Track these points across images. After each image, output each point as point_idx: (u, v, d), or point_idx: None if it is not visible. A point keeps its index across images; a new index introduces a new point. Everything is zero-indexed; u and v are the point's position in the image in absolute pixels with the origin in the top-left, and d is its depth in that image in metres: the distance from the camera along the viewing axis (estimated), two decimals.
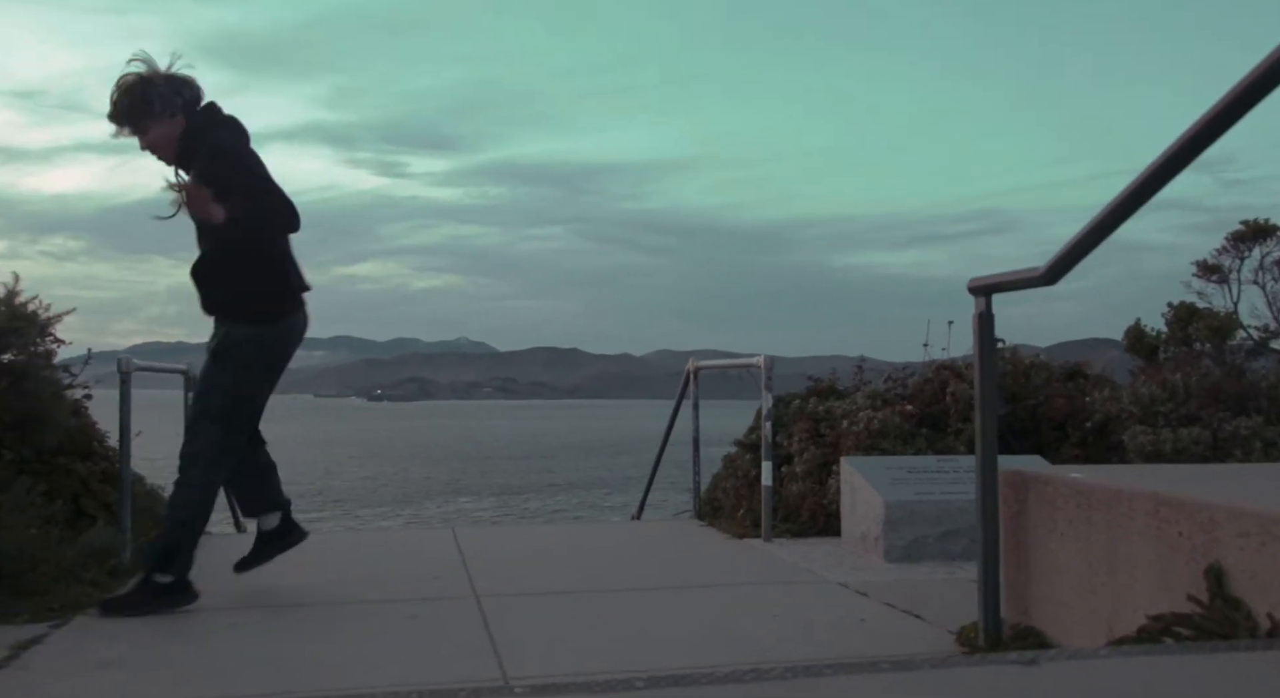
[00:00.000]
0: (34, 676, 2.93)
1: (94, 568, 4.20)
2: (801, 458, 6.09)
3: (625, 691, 1.62)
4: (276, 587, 4.26)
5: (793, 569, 4.56)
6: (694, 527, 6.09)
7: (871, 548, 4.82)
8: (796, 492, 5.90)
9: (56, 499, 4.69)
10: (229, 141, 3.80)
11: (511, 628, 3.42)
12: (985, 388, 3.03)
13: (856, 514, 5.03)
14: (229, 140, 3.80)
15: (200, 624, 3.57)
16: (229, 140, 3.80)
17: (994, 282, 2.97)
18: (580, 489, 24.05)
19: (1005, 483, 3.14)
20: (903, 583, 4.19)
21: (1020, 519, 3.08)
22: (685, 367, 6.91)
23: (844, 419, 6.16)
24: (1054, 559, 2.91)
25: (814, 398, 6.66)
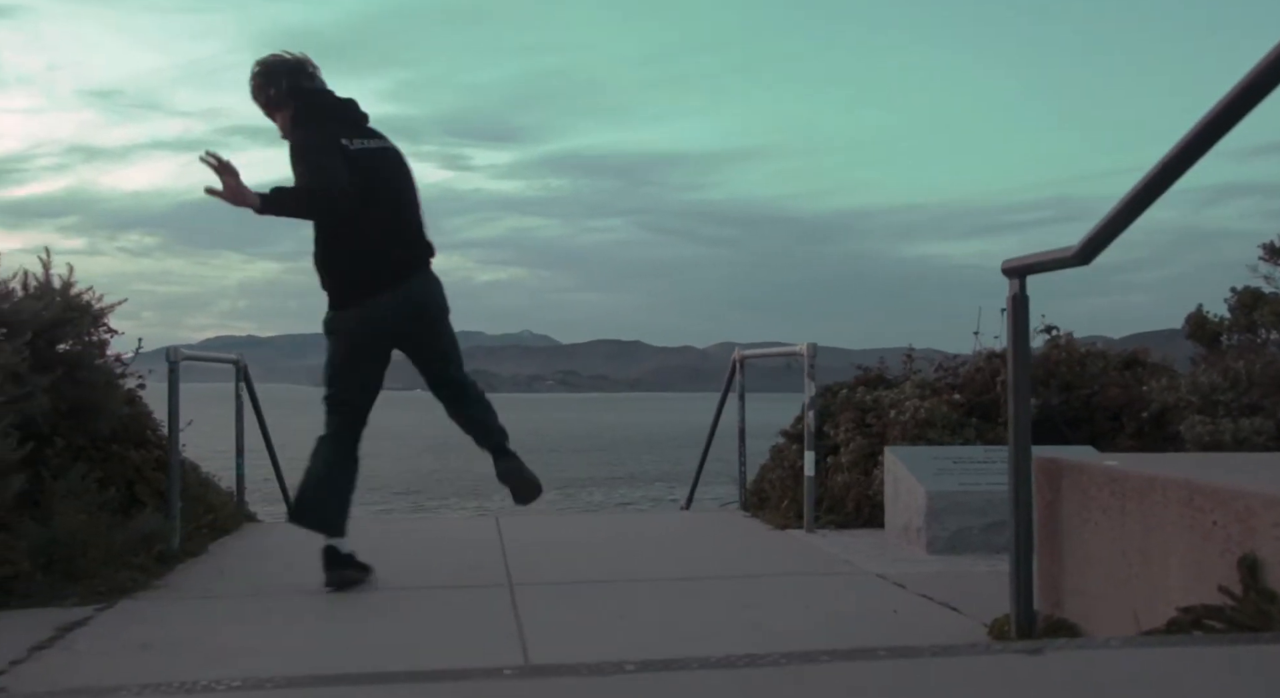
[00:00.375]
0: (75, 656, 3.00)
1: (143, 553, 4.29)
2: (847, 448, 6.02)
3: (615, 674, 1.61)
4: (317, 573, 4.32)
5: (832, 561, 4.51)
6: (738, 517, 6.06)
7: (914, 540, 4.75)
8: (842, 482, 5.83)
9: (110, 486, 4.81)
10: (298, 137, 4.00)
11: (541, 616, 3.43)
12: (1018, 373, 2.96)
13: (899, 505, 4.96)
14: (298, 136, 4.01)
15: (239, 609, 3.64)
16: (298, 136, 4.01)
17: (1028, 263, 2.89)
18: (643, 482, 24.08)
19: (1039, 471, 3.06)
20: (943, 575, 4.12)
21: (1054, 509, 3.00)
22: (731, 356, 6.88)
23: (891, 409, 6.08)
24: (1087, 550, 2.82)
25: (862, 388, 6.58)
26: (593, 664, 1.59)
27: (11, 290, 4.98)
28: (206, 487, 5.82)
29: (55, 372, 4.71)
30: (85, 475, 4.67)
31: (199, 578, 4.21)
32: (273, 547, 5.03)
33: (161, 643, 3.12)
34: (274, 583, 4.10)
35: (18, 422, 4.36)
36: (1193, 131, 2.20)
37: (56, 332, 4.83)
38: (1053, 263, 2.77)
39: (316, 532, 3.96)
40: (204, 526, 5.14)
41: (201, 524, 5.12)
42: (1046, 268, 2.82)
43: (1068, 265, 2.70)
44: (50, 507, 4.17)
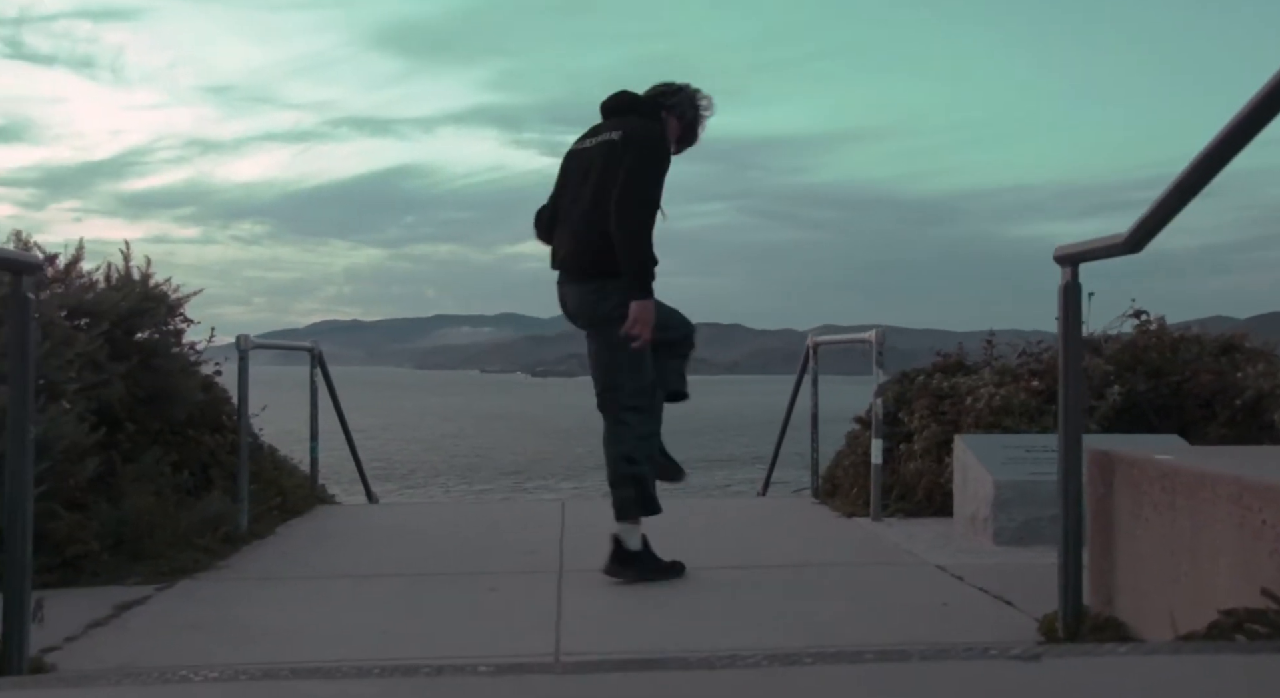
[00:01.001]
0: (125, 634, 3.10)
1: (209, 535, 4.42)
2: (921, 436, 5.86)
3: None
4: (376, 557, 4.39)
5: (893, 550, 4.40)
6: (806, 504, 5.96)
7: (981, 530, 4.59)
8: (914, 470, 5.67)
9: (183, 470, 4.98)
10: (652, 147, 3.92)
11: (583, 604, 3.42)
12: (1069, 363, 2.82)
13: (967, 494, 4.80)
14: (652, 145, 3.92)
15: (291, 591, 3.72)
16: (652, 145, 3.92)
17: (1079, 251, 2.75)
18: (734, 466, 23.99)
19: (1092, 464, 2.91)
20: (1005, 567, 3.97)
21: (1106, 503, 2.85)
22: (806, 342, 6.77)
23: (968, 396, 5.90)
24: (1138, 547, 2.68)
25: (939, 374, 6.40)
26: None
27: (95, 282, 5.19)
28: (281, 470, 5.97)
29: (131, 359, 4.88)
30: (160, 459, 4.83)
31: (261, 560, 4.32)
32: (337, 530, 5.13)
33: (209, 624, 3.20)
34: (331, 567, 4.18)
35: (94, 407, 4.54)
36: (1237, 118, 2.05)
37: (134, 321, 5.00)
38: (1103, 251, 2.62)
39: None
40: (273, 508, 5.27)
41: (271, 507, 5.25)
42: (1097, 256, 2.68)
43: (1117, 253, 2.56)
44: (121, 489, 4.32)
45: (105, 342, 4.71)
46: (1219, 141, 2.13)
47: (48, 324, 4.23)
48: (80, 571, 3.89)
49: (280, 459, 6.31)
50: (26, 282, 2.54)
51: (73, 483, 4.15)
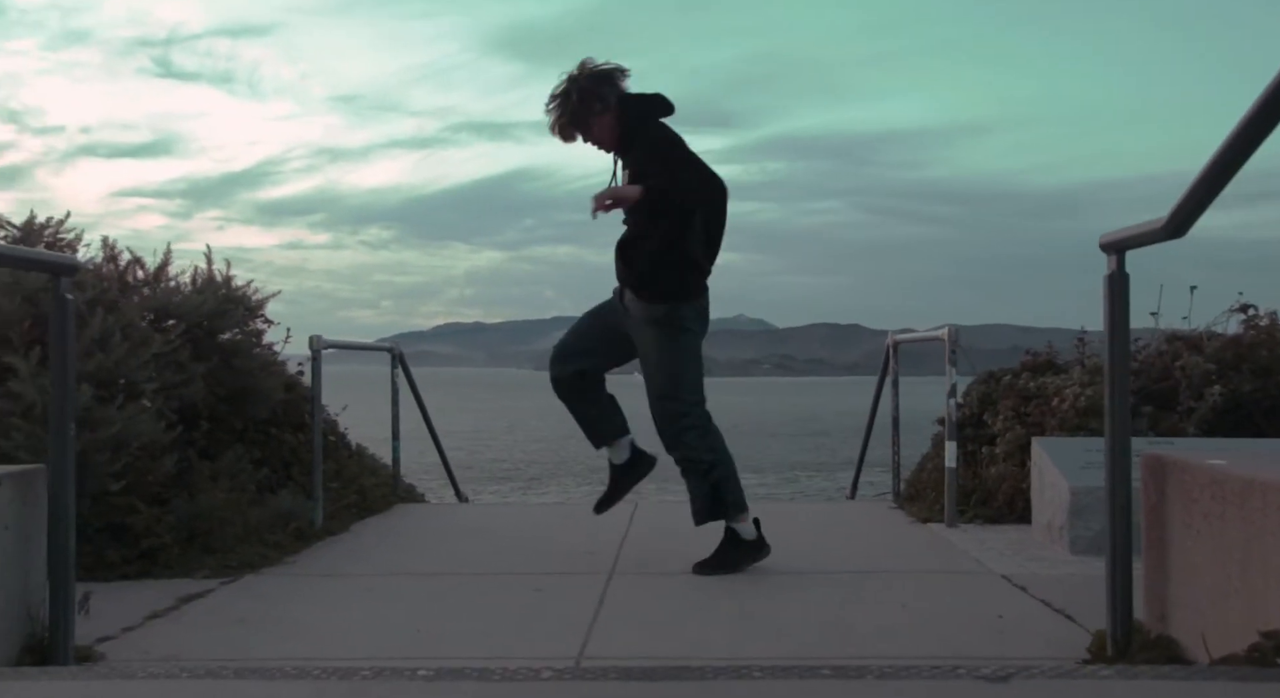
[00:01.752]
0: (177, 626, 3.21)
1: (280, 530, 4.55)
2: (1004, 438, 5.64)
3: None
4: (437, 556, 4.45)
5: (960, 557, 4.23)
6: (882, 509, 5.80)
7: (1056, 538, 4.38)
8: (995, 474, 5.46)
9: (264, 467, 5.13)
10: (655, 131, 4.02)
11: (623, 608, 3.38)
12: (1116, 359, 2.66)
13: (1044, 500, 4.59)
14: (655, 130, 4.02)
15: (343, 589, 3.78)
16: (655, 130, 4.02)
17: (1122, 237, 2.59)
18: (833, 469, 23.60)
19: (1145, 470, 2.74)
20: (1075, 578, 3.78)
21: (1159, 512, 2.68)
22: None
23: (1055, 396, 5.65)
24: (1190, 559, 2.50)
25: (1026, 373, 6.15)
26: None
27: (182, 285, 5.39)
28: (364, 468, 6.11)
29: (213, 359, 5.06)
30: (240, 456, 5.00)
31: (326, 557, 4.41)
32: (409, 529, 5.21)
33: (257, 618, 3.28)
34: (390, 566, 4.24)
35: (175, 406, 4.72)
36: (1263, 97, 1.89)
37: (215, 322, 5.18)
38: (1144, 237, 2.46)
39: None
40: (350, 505, 5.39)
41: (347, 504, 5.37)
42: (1140, 243, 2.52)
43: (1158, 239, 2.40)
44: (197, 485, 4.48)
45: (187, 342, 4.90)
46: (1254, 113, 1.97)
47: (127, 326, 4.41)
48: (155, 562, 4.04)
49: (368, 458, 6.46)
50: (65, 283, 2.64)
51: (151, 479, 4.32)
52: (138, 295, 5.01)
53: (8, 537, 2.64)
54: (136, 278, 5.18)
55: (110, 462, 4.08)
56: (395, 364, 6.39)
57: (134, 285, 5.11)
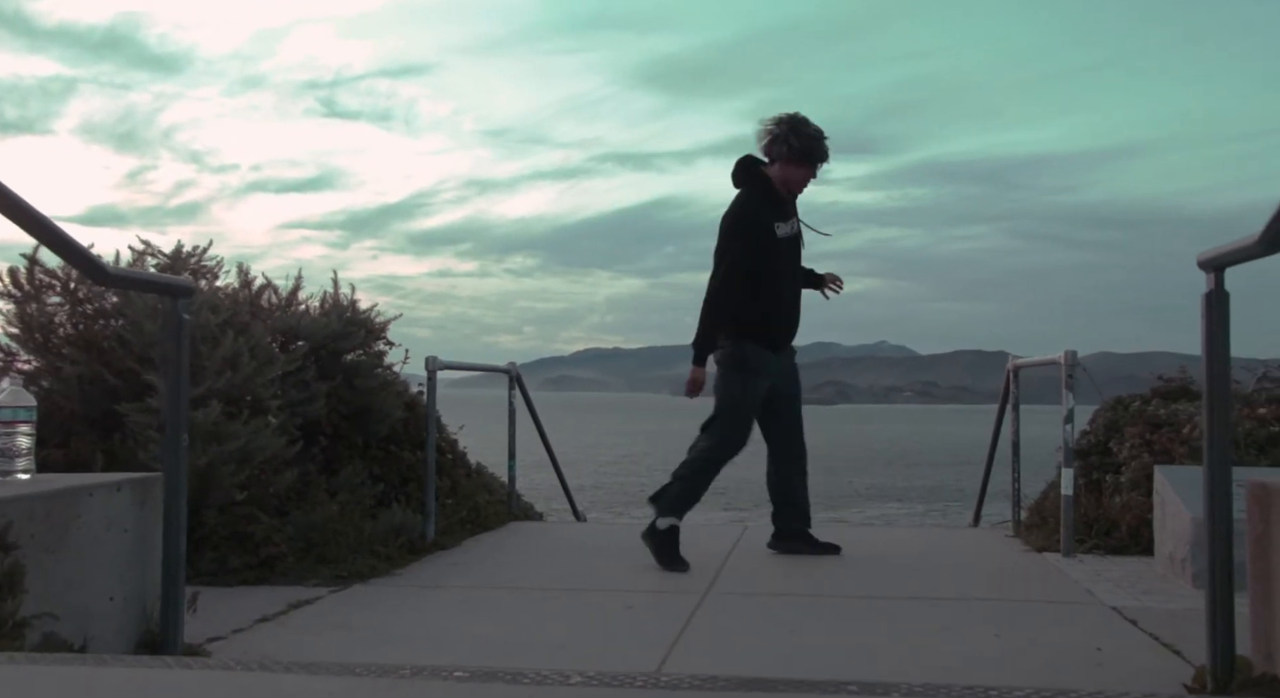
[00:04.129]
0: (282, 630, 3.37)
1: (391, 543, 4.72)
2: (1130, 466, 5.39)
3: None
4: (539, 571, 4.53)
5: (1071, 588, 4.06)
6: (998, 537, 5.62)
7: (1178, 571, 4.16)
8: (1119, 504, 5.22)
9: (381, 482, 5.34)
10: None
11: (711, 626, 3.39)
12: (1215, 380, 2.53)
13: (1166, 531, 4.37)
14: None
15: (445, 600, 3.90)
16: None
17: (1220, 254, 2.48)
18: (966, 497, 22.88)
19: (1249, 498, 2.60)
20: (1192, 613, 3.56)
21: (1265, 543, 2.53)
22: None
23: (1186, 424, 5.38)
24: None
25: (1156, 400, 5.87)
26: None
27: (311, 308, 5.68)
28: (481, 487, 6.27)
29: (336, 379, 5.31)
30: (359, 472, 5.22)
31: (434, 569, 4.55)
32: (518, 545, 5.33)
33: (357, 624, 3.42)
34: (493, 579, 4.34)
35: (299, 422, 4.97)
36: None
37: (340, 343, 5.43)
38: (1238, 253, 2.35)
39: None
40: (463, 521, 5.55)
41: (460, 519, 5.52)
42: (1236, 259, 2.40)
43: (1253, 255, 2.29)
44: (315, 498, 4.70)
45: (313, 362, 5.15)
46: None
47: (255, 347, 4.68)
48: (273, 570, 4.25)
49: (485, 477, 6.63)
50: (182, 304, 2.84)
51: (272, 490, 4.55)
52: (268, 318, 5.30)
53: (126, 539, 2.84)
54: (270, 302, 5.48)
55: (235, 473, 4.32)
56: (512, 385, 6.55)
57: (267, 309, 5.41)
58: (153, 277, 2.96)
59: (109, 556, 2.77)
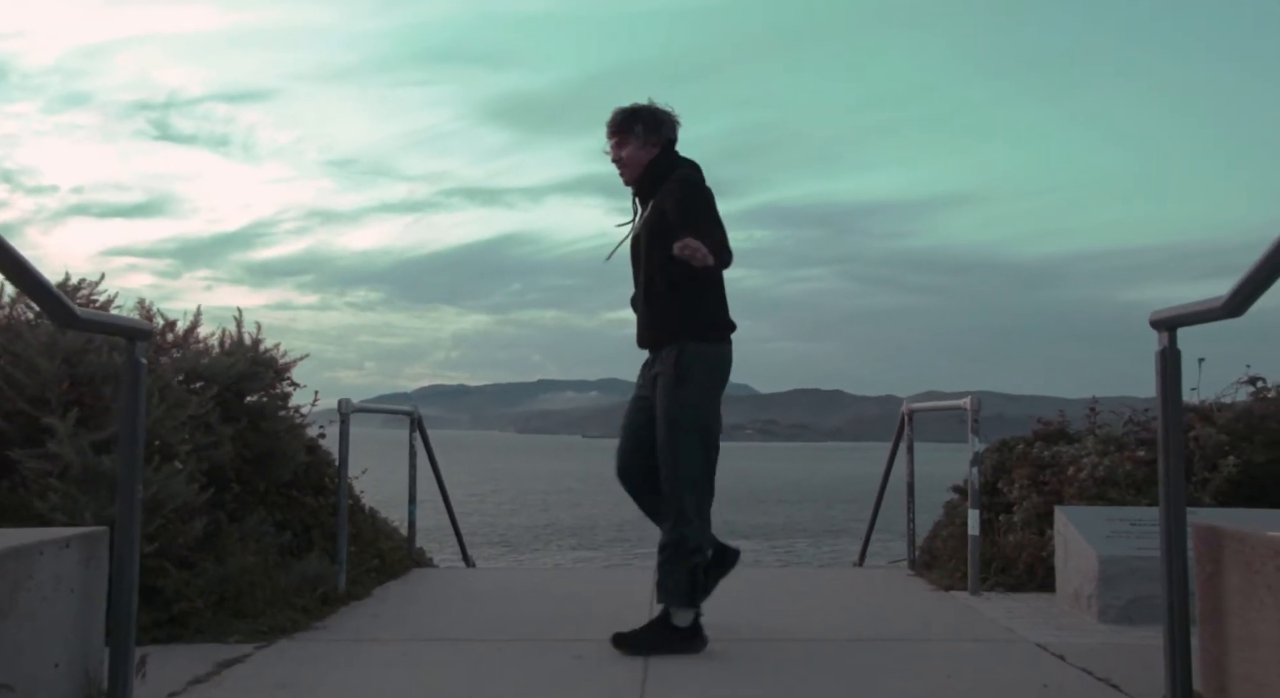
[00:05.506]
0: (221, 692, 3.19)
1: (307, 595, 4.52)
2: (1021, 506, 5.68)
3: None
4: (469, 621, 4.43)
5: (990, 626, 4.25)
6: (900, 576, 5.81)
7: (1085, 607, 4.41)
8: (1014, 543, 5.49)
9: (286, 530, 5.11)
10: (699, 179, 3.98)
11: (675, 672, 3.38)
12: (1169, 431, 2.71)
13: (1070, 569, 4.63)
14: (699, 178, 3.98)
15: (381, 654, 3.76)
16: (699, 178, 3.98)
17: (1176, 315, 2.67)
18: (839, 536, 23.54)
19: (1198, 541, 2.79)
20: (1110, 647, 3.80)
21: (1215, 583, 2.72)
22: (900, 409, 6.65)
23: (1070, 466, 5.71)
24: (1253, 631, 2.54)
25: (1040, 442, 6.21)
26: None
27: (210, 347, 5.42)
28: (380, 532, 6.08)
29: (241, 422, 5.07)
30: (264, 519, 4.99)
31: (357, 621, 4.39)
32: (432, 594, 5.19)
33: (300, 683, 3.26)
34: (423, 631, 4.22)
35: (205, 468, 4.72)
36: None
37: (244, 384, 5.20)
38: (1201, 314, 2.54)
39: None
40: (371, 570, 5.37)
41: (368, 568, 5.35)
42: (1195, 320, 2.59)
43: (1215, 317, 2.47)
44: (226, 548, 4.46)
45: (217, 404, 4.91)
46: None
47: (164, 387, 4.43)
48: (186, 626, 4.01)
49: (380, 522, 6.43)
50: (139, 347, 2.68)
51: (182, 541, 4.30)
52: (167, 357, 5.03)
53: (73, 599, 2.64)
54: (167, 340, 5.21)
55: (144, 524, 4.06)
56: (414, 428, 6.40)
57: (164, 347, 5.14)
58: (114, 319, 2.78)
59: (57, 618, 2.57)
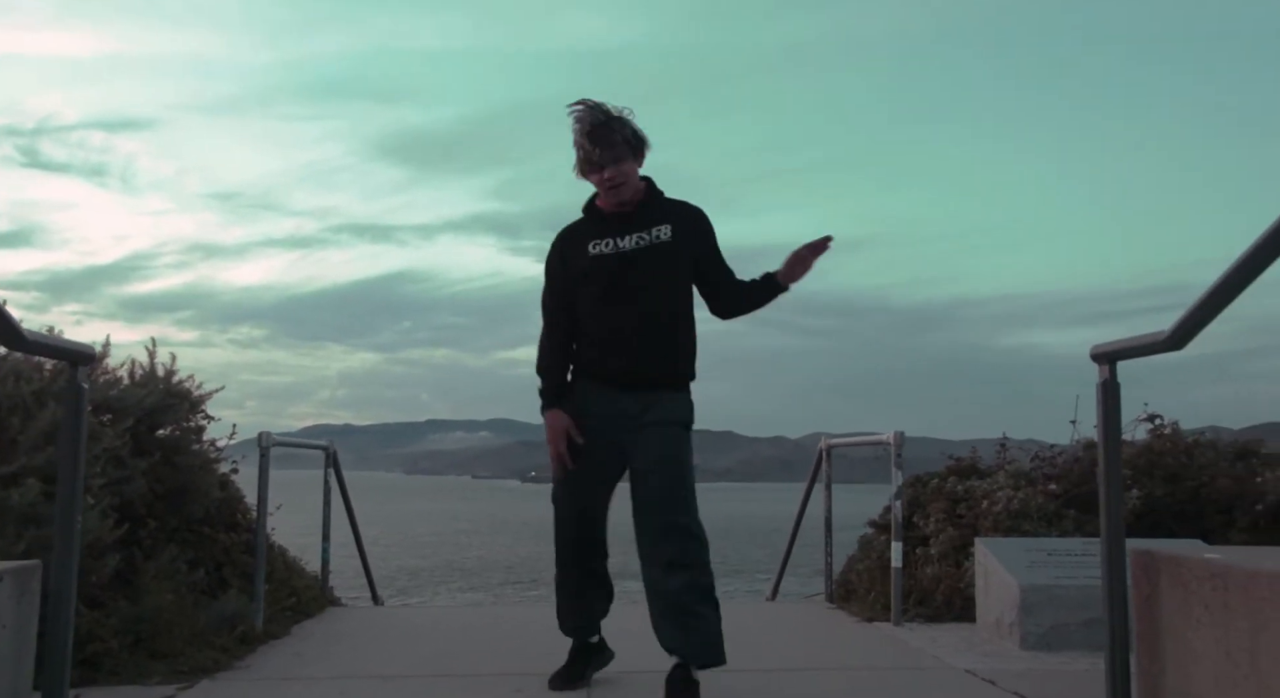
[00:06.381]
0: None
1: (225, 634, 4.35)
2: (937, 539, 5.83)
3: None
4: (397, 659, 4.31)
5: (918, 655, 4.33)
6: (822, 609, 5.88)
7: (1006, 634, 4.54)
8: (932, 574, 5.63)
9: (199, 568, 4.91)
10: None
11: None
12: (1110, 462, 2.83)
13: (991, 598, 4.76)
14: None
15: (307, 693, 3.64)
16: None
17: (1117, 348, 2.80)
18: (727, 574, 23.62)
19: (1135, 564, 2.90)
20: (1036, 673, 3.92)
21: (1152, 604, 2.83)
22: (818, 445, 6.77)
23: (984, 499, 5.89)
24: (1190, 649, 2.65)
25: (953, 477, 6.40)
26: None
27: (119, 378, 5.20)
28: (292, 570, 5.89)
29: (154, 456, 4.87)
30: (176, 557, 4.78)
31: (280, 660, 4.23)
32: (351, 632, 5.04)
33: None
34: (350, 668, 4.09)
35: (116, 503, 4.51)
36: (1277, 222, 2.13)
37: (157, 417, 5.00)
38: (1144, 348, 2.67)
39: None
40: (287, 608, 5.19)
41: (284, 607, 5.17)
42: (1137, 353, 2.73)
43: (1158, 350, 2.60)
44: (141, 586, 4.26)
45: (129, 438, 4.71)
46: (1258, 244, 2.19)
47: None
48: (98, 669, 3.81)
49: (290, 560, 6.23)
50: (81, 372, 2.57)
51: (94, 579, 4.10)
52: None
53: (5, 635, 2.49)
54: None
55: None
56: (329, 463, 6.24)
57: None
58: (61, 342, 2.65)
59: None
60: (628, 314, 3.47)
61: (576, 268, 3.55)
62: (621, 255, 3.49)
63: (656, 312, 3.47)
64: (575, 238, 3.62)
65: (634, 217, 3.54)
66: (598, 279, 3.51)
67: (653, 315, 3.46)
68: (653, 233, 3.50)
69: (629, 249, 3.49)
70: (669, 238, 3.50)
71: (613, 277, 3.49)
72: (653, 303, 3.47)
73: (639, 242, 3.50)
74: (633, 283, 3.47)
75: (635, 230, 3.51)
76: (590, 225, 3.61)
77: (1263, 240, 2.17)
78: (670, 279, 3.51)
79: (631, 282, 3.47)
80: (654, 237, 3.50)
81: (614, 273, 3.49)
